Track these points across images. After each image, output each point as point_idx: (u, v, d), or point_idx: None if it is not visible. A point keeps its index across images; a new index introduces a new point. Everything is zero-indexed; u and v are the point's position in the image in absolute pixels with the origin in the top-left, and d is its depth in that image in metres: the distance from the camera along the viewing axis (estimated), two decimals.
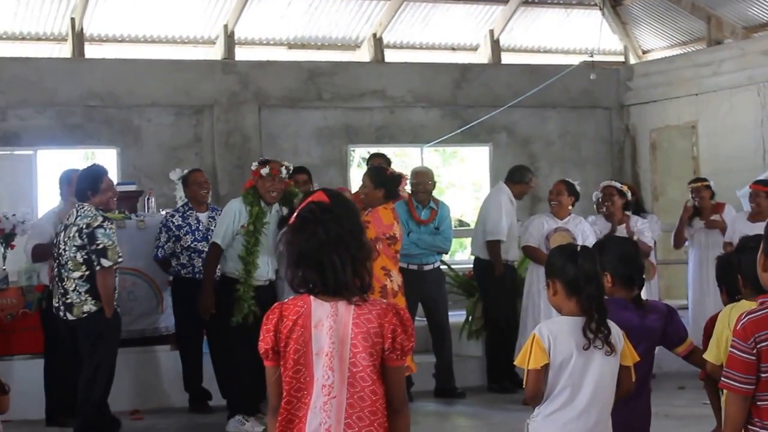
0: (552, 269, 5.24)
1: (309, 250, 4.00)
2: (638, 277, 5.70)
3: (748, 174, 13.67)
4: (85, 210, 8.89)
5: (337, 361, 3.96)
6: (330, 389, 3.95)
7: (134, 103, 15.26)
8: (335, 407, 3.94)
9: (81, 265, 8.80)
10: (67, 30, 15.32)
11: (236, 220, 9.71)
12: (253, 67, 15.98)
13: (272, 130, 15.95)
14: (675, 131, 17.08)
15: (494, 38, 17.53)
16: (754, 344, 4.06)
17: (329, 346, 3.96)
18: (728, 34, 16.63)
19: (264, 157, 10.24)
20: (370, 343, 3.95)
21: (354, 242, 4.03)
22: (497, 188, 11.91)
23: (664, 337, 5.74)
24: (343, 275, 3.97)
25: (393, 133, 16.65)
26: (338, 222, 4.02)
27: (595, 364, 5.06)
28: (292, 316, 4.01)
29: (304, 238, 4.01)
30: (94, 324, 8.85)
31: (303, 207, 4.13)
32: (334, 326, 3.98)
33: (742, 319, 4.14)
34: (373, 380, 3.95)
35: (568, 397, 5.03)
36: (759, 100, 15.49)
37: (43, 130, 14.80)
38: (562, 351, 5.04)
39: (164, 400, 10.96)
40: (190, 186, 10.86)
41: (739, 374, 4.08)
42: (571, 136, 17.70)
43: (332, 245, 3.98)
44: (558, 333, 5.07)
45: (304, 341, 3.99)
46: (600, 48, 17.37)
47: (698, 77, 16.52)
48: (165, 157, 15.09)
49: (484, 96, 16.90)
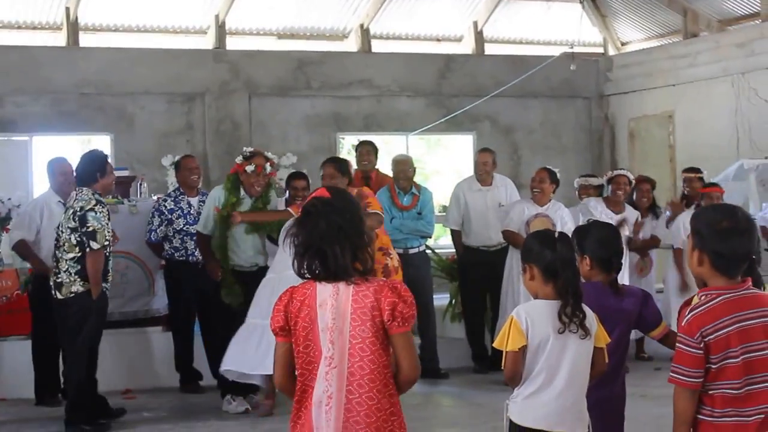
0: (529, 254, 5.24)
1: (312, 240, 4.25)
2: (616, 260, 5.70)
3: (723, 162, 13.71)
4: (83, 194, 8.89)
5: (338, 335, 4.23)
6: (330, 360, 4.22)
7: (127, 90, 15.23)
8: (336, 376, 4.22)
9: (74, 247, 8.79)
10: (62, 19, 15.27)
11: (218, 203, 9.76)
12: (244, 57, 15.95)
13: (262, 118, 15.93)
14: (652, 120, 17.10)
15: (478, 30, 17.53)
16: (701, 338, 4.09)
17: (331, 322, 4.23)
18: (704, 27, 16.65)
19: (249, 149, 10.14)
20: (369, 317, 4.21)
21: (354, 231, 4.30)
22: None
23: (640, 320, 5.74)
24: (344, 261, 4.23)
25: (380, 121, 16.65)
26: (339, 214, 4.28)
27: (571, 347, 5.06)
28: (300, 297, 4.29)
29: (308, 229, 4.27)
30: (80, 304, 8.79)
31: (307, 202, 4.40)
32: (335, 304, 4.25)
33: (686, 316, 4.16)
34: (372, 351, 4.22)
35: (546, 379, 5.04)
36: (733, 91, 15.51)
37: (39, 117, 14.77)
38: (540, 333, 5.04)
39: (156, 380, 10.94)
40: (181, 171, 10.84)
41: (687, 369, 4.11)
42: (552, 124, 17.72)
43: (333, 235, 4.24)
44: (536, 316, 5.07)
45: (311, 319, 4.26)
46: (580, 40, 17.36)
47: (675, 68, 16.54)
48: (157, 144, 15.07)
49: (468, 86, 16.90)
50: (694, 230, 4.23)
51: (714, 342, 4.09)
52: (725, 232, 4.14)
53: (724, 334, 4.09)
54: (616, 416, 5.81)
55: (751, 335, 4.12)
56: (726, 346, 4.09)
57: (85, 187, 8.96)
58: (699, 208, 4.65)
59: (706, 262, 4.17)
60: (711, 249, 4.15)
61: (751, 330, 4.12)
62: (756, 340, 4.12)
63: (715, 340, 4.09)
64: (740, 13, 16.27)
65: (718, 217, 4.18)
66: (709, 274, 4.20)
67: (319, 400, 4.24)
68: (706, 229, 4.18)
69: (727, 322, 4.09)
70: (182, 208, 10.64)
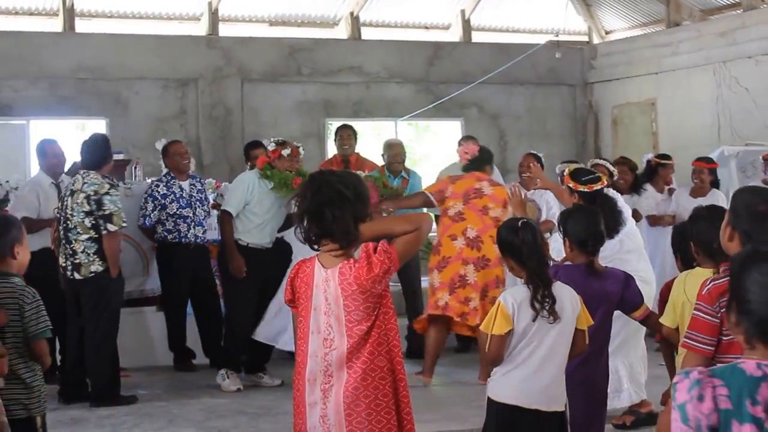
0: (502, 245, 5.30)
1: (313, 205, 4.27)
2: (592, 243, 5.76)
3: (704, 149, 13.72)
4: (91, 177, 8.95)
5: (334, 319, 4.27)
6: (331, 342, 4.28)
7: (123, 76, 15.20)
8: (335, 357, 4.26)
9: (89, 230, 8.88)
10: (59, 5, 15.23)
11: (250, 191, 9.77)
12: (236, 43, 15.93)
13: (254, 104, 15.92)
14: (635, 108, 17.13)
15: (465, 18, 17.52)
16: (718, 308, 4.11)
17: (326, 306, 4.28)
18: (686, 17, 16.66)
19: (276, 139, 10.20)
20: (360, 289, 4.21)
21: (357, 199, 4.30)
22: None
23: (622, 302, 5.80)
24: (342, 223, 4.23)
25: (369, 107, 16.64)
26: (343, 183, 4.29)
27: (552, 329, 5.10)
28: (302, 273, 4.38)
29: (310, 194, 4.29)
30: (100, 283, 8.92)
31: (314, 172, 4.52)
32: (328, 289, 4.28)
33: (707, 285, 4.19)
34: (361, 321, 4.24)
35: (523, 358, 5.10)
36: (715, 79, 15.54)
37: (36, 101, 14.74)
38: (525, 317, 5.08)
39: (150, 359, 10.99)
40: (170, 156, 10.86)
41: (702, 335, 4.15)
42: (537, 111, 17.73)
43: (335, 201, 4.24)
44: (522, 300, 5.11)
45: (307, 296, 4.34)
46: (565, 28, 17.39)
47: (658, 57, 16.56)
48: (152, 128, 15.05)
49: (456, 73, 16.90)
50: (731, 208, 4.28)
51: None
52: (759, 215, 4.18)
53: None
54: (600, 395, 5.87)
55: None
56: None
57: (93, 170, 9.01)
58: (741, 188, 4.67)
59: (736, 239, 4.21)
60: (743, 228, 4.19)
61: None
62: None
63: None
64: (722, 2, 16.29)
65: (756, 200, 4.24)
66: (737, 251, 4.23)
67: (315, 378, 4.29)
68: (742, 209, 4.23)
69: None
70: (174, 192, 10.65)
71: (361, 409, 4.22)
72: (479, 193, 9.70)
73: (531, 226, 5.29)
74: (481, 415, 5.47)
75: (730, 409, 2.85)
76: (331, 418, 4.25)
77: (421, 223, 4.26)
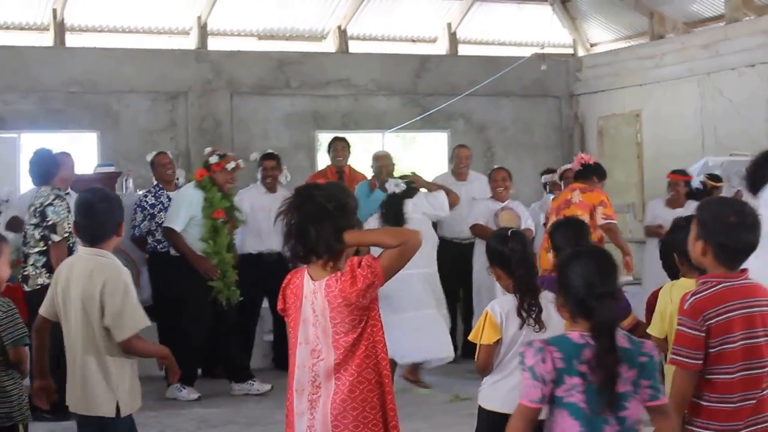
0: (491, 255, 5.31)
1: (297, 223, 4.27)
2: None
3: (688, 159, 13.78)
4: (41, 191, 8.99)
5: (321, 331, 4.26)
6: (318, 353, 4.27)
7: (113, 89, 15.19)
8: (323, 368, 4.25)
9: (39, 242, 8.88)
10: (49, 20, 15.22)
11: (194, 206, 9.86)
12: (225, 57, 15.93)
13: (243, 116, 15.92)
14: (621, 119, 17.16)
15: (452, 31, 17.55)
16: (703, 322, 4.11)
17: (313, 318, 4.28)
18: (670, 29, 16.71)
19: (217, 152, 10.26)
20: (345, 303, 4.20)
21: (340, 214, 4.28)
22: None
23: None
24: (325, 239, 4.23)
25: (357, 119, 16.65)
26: (326, 197, 4.27)
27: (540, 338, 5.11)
28: (293, 285, 4.39)
29: (293, 209, 4.30)
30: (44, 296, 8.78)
31: (298, 186, 4.46)
32: (315, 302, 4.27)
33: (688, 299, 4.18)
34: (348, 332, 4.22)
35: (514, 366, 5.09)
36: (698, 91, 15.59)
37: (27, 115, 14.71)
38: (513, 326, 5.09)
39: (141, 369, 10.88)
40: (156, 168, 11.01)
41: (688, 350, 4.14)
42: (523, 123, 17.76)
43: (318, 216, 4.23)
44: (510, 309, 5.12)
45: (296, 308, 4.34)
46: (550, 41, 17.45)
47: (642, 69, 16.61)
48: (142, 141, 15.04)
49: (443, 85, 16.92)
50: (699, 221, 4.28)
51: (716, 326, 4.12)
52: (732, 227, 4.19)
53: (725, 318, 4.13)
54: None
55: (753, 322, 4.17)
56: (726, 331, 4.12)
57: (43, 185, 9.03)
58: (706, 201, 4.67)
59: (709, 253, 4.22)
60: (717, 241, 4.20)
61: (753, 317, 4.17)
62: (756, 327, 4.17)
63: (716, 324, 4.12)
64: (705, 15, 16.34)
65: (726, 211, 4.23)
66: (712, 265, 4.24)
67: (303, 388, 4.30)
68: (712, 222, 4.23)
69: (731, 307, 4.14)
70: (162, 202, 10.77)
71: (348, 421, 4.21)
72: (568, 203, 9.73)
73: (521, 236, 5.31)
74: (471, 423, 5.47)
75: (563, 367, 3.82)
76: (318, 429, 4.25)
77: (407, 239, 4.23)
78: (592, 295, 3.83)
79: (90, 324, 5.19)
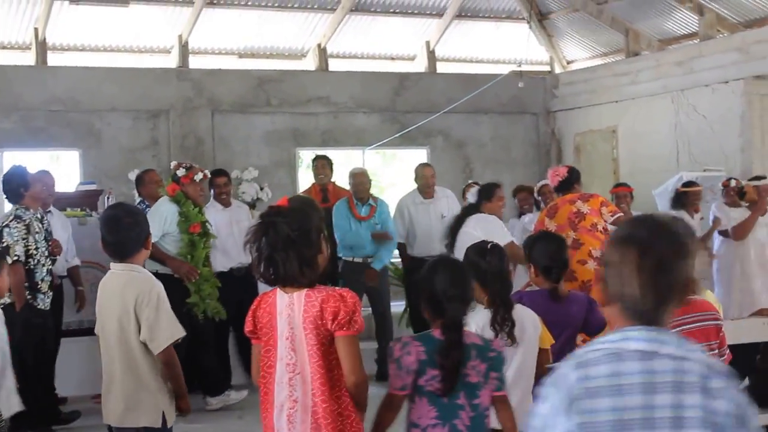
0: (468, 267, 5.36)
1: (263, 248, 4.31)
2: (556, 270, 5.83)
3: (664, 174, 13.89)
4: (6, 212, 8.90)
5: (298, 343, 4.29)
6: (294, 367, 4.29)
7: (95, 107, 15.21)
8: (300, 382, 4.29)
9: None
10: (31, 39, 15.25)
11: (168, 222, 9.85)
12: (206, 75, 15.98)
13: (224, 134, 15.96)
14: (597, 135, 17.28)
15: (430, 49, 17.66)
16: None
17: (288, 331, 4.30)
18: (645, 47, 16.86)
19: (181, 163, 10.26)
20: (314, 325, 4.25)
21: (304, 241, 4.31)
22: None
23: (586, 324, 5.87)
24: (291, 268, 4.27)
25: (337, 136, 16.72)
26: (288, 224, 4.28)
27: (517, 352, 5.18)
28: (264, 305, 4.40)
29: (259, 237, 4.33)
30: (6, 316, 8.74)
31: (264, 212, 4.45)
32: (291, 314, 4.30)
33: None
34: (318, 356, 4.26)
35: None
36: (673, 107, 15.70)
37: (9, 133, 14.72)
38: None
39: None
40: (146, 185, 10.91)
41: None
42: (501, 139, 17.86)
43: (281, 243, 4.26)
44: (484, 324, 5.18)
45: (271, 326, 4.35)
46: (528, 58, 17.57)
47: (618, 86, 16.73)
48: (124, 159, 15.06)
49: (421, 102, 17.01)
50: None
51: None
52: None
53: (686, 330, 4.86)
54: None
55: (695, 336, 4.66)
56: None
57: (14, 204, 8.94)
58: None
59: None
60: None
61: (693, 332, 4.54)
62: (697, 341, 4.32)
63: None
64: (679, 33, 16.50)
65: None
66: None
67: (282, 404, 4.31)
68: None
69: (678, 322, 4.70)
70: None
71: None
72: (580, 215, 9.55)
73: (499, 250, 5.36)
74: None
75: (425, 359, 4.39)
76: None
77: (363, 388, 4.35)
78: (445, 297, 4.48)
79: (128, 340, 5.24)
